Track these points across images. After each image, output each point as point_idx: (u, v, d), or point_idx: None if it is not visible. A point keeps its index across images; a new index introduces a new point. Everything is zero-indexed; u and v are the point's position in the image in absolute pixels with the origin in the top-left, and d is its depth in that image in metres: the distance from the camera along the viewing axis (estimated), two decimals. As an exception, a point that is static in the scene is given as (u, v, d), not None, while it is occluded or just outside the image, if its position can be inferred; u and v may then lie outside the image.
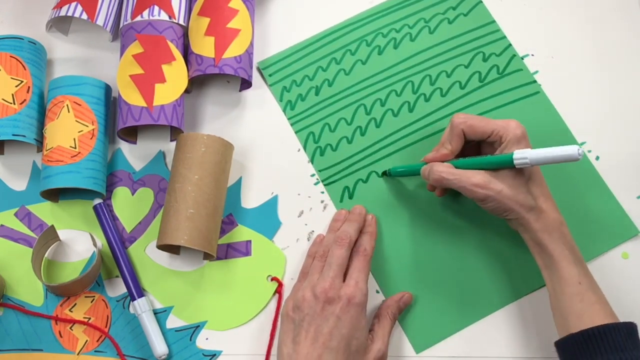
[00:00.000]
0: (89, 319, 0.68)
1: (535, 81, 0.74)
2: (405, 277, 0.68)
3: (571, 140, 0.72)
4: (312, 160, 0.73)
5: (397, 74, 0.75)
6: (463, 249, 0.69)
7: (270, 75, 0.75)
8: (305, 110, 0.74)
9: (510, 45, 0.75)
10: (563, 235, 0.62)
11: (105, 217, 0.70)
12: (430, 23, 0.76)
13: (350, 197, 0.71)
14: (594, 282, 0.61)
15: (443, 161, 0.65)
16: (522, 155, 0.60)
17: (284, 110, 0.74)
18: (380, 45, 0.76)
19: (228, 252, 0.70)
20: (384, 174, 0.71)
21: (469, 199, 0.63)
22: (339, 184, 0.72)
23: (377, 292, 0.68)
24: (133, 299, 0.67)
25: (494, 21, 0.76)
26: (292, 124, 0.74)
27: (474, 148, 0.67)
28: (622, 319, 0.60)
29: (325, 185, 0.72)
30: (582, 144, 0.72)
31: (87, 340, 0.67)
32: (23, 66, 0.70)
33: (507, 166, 0.61)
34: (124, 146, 0.73)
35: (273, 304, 0.68)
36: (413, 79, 0.74)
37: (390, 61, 0.75)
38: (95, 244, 0.68)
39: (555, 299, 0.61)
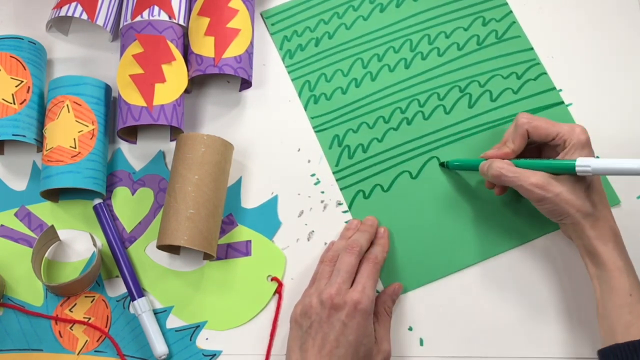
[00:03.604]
0: (89, 319, 0.68)
1: (532, 48, 0.75)
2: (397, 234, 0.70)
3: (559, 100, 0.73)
4: (305, 107, 0.74)
5: (396, 31, 0.76)
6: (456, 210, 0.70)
7: (272, 25, 0.77)
8: (303, 60, 0.76)
9: (510, 12, 0.76)
10: (618, 246, 0.61)
11: (105, 217, 0.70)
12: None
13: (340, 144, 0.73)
14: None
15: (503, 159, 0.64)
16: (585, 163, 0.59)
17: (283, 59, 0.76)
18: (382, 3, 0.77)
19: (228, 252, 0.70)
20: (441, 165, 0.71)
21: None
22: (330, 131, 0.73)
23: None
24: (133, 299, 0.67)
25: None
26: (289, 72, 0.75)
27: (534, 150, 0.66)
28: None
29: (316, 132, 0.73)
30: None
31: (87, 340, 0.67)
32: (23, 66, 0.70)
33: (568, 172, 0.60)
34: (124, 146, 0.73)
35: (273, 304, 0.68)
36: (412, 37, 0.76)
37: (391, 19, 0.77)
38: (95, 244, 0.68)
39: (603, 308, 0.60)
